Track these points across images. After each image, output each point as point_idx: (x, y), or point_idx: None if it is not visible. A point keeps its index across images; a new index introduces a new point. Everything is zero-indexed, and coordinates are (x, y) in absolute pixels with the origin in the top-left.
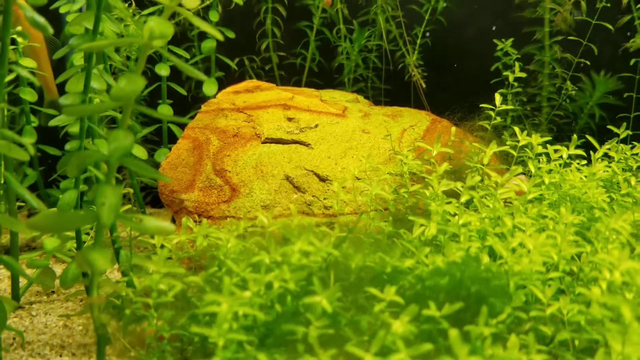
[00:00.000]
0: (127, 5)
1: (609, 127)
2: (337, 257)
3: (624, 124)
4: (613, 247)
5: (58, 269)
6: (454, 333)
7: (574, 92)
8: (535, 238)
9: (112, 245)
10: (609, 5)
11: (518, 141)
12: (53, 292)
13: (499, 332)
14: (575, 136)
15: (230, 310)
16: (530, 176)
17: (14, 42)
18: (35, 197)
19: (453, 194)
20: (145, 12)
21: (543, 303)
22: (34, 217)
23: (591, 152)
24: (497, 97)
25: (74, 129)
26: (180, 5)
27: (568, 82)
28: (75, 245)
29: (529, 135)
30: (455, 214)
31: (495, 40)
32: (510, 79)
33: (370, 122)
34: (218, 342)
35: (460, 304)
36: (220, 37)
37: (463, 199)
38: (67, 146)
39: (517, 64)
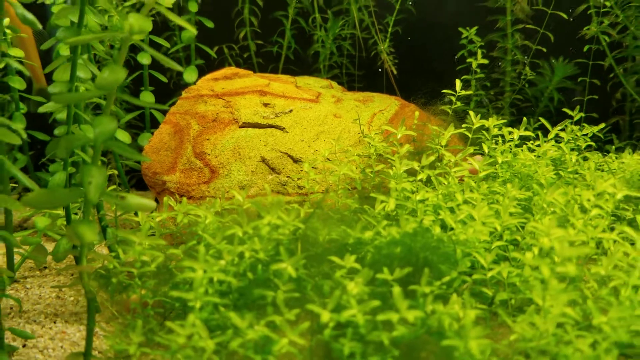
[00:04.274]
0: None
1: (564, 110)
2: (306, 230)
3: (578, 107)
4: (548, 217)
5: (49, 247)
6: (397, 290)
7: (533, 77)
8: (478, 210)
9: (99, 223)
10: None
11: (478, 124)
12: (45, 267)
13: (444, 292)
14: (525, 119)
15: (205, 276)
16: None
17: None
18: (29, 178)
19: (416, 173)
20: (127, 3)
21: (485, 268)
22: (28, 195)
23: (540, 134)
24: (458, 84)
25: (62, 115)
26: (157, 3)
27: (527, 68)
28: (64, 223)
29: (487, 118)
30: (414, 191)
31: (460, 29)
32: (474, 65)
33: (342, 106)
34: (195, 305)
35: (409, 269)
36: (194, 30)
37: (419, 177)
38: (56, 131)
39: (479, 51)
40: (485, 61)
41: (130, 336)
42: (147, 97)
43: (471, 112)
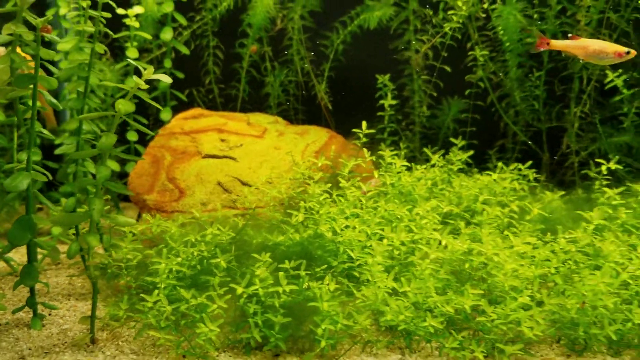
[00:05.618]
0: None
1: (451, 139)
2: (242, 236)
3: (460, 136)
4: (401, 225)
5: (61, 248)
6: (281, 274)
7: (429, 113)
8: (351, 221)
9: (98, 231)
10: (446, 54)
11: (370, 158)
12: (58, 263)
13: (323, 274)
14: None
15: (167, 267)
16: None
17: None
18: (52, 204)
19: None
20: (118, 66)
21: (354, 259)
22: (56, 216)
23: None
24: (364, 125)
25: (69, 150)
26: (139, 88)
27: (424, 107)
28: (74, 232)
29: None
30: (318, 207)
31: (377, 75)
32: (385, 105)
33: (284, 139)
34: (160, 285)
35: (301, 261)
36: (169, 80)
37: (322, 198)
38: (69, 169)
39: (389, 94)
40: (394, 102)
41: (120, 305)
42: (132, 136)
43: (364, 150)
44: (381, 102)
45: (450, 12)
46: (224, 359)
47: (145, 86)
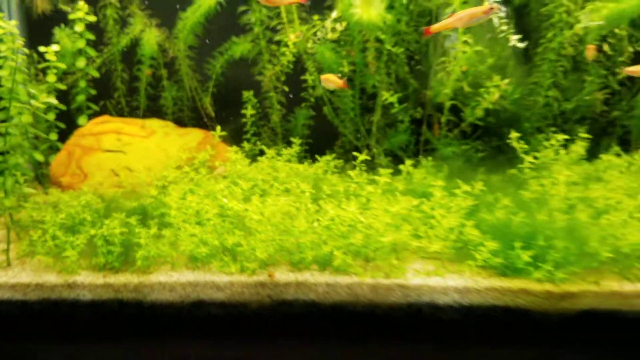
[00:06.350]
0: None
1: (291, 139)
2: (116, 202)
3: (298, 137)
4: (219, 195)
5: None
6: (117, 222)
7: (280, 121)
8: (179, 193)
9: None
10: (284, 78)
11: (211, 152)
12: None
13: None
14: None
15: (52, 219)
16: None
17: None
18: None
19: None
20: (43, 86)
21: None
22: None
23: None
24: (218, 129)
25: None
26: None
27: (274, 116)
28: None
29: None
30: (166, 185)
31: (243, 91)
32: (247, 114)
33: (168, 139)
34: (48, 231)
35: (139, 216)
36: (63, 106)
37: (169, 179)
38: None
39: (249, 106)
40: (254, 111)
41: (24, 244)
42: (53, 136)
43: (208, 147)
44: (243, 111)
45: (284, 49)
46: (85, 273)
47: (42, 107)
